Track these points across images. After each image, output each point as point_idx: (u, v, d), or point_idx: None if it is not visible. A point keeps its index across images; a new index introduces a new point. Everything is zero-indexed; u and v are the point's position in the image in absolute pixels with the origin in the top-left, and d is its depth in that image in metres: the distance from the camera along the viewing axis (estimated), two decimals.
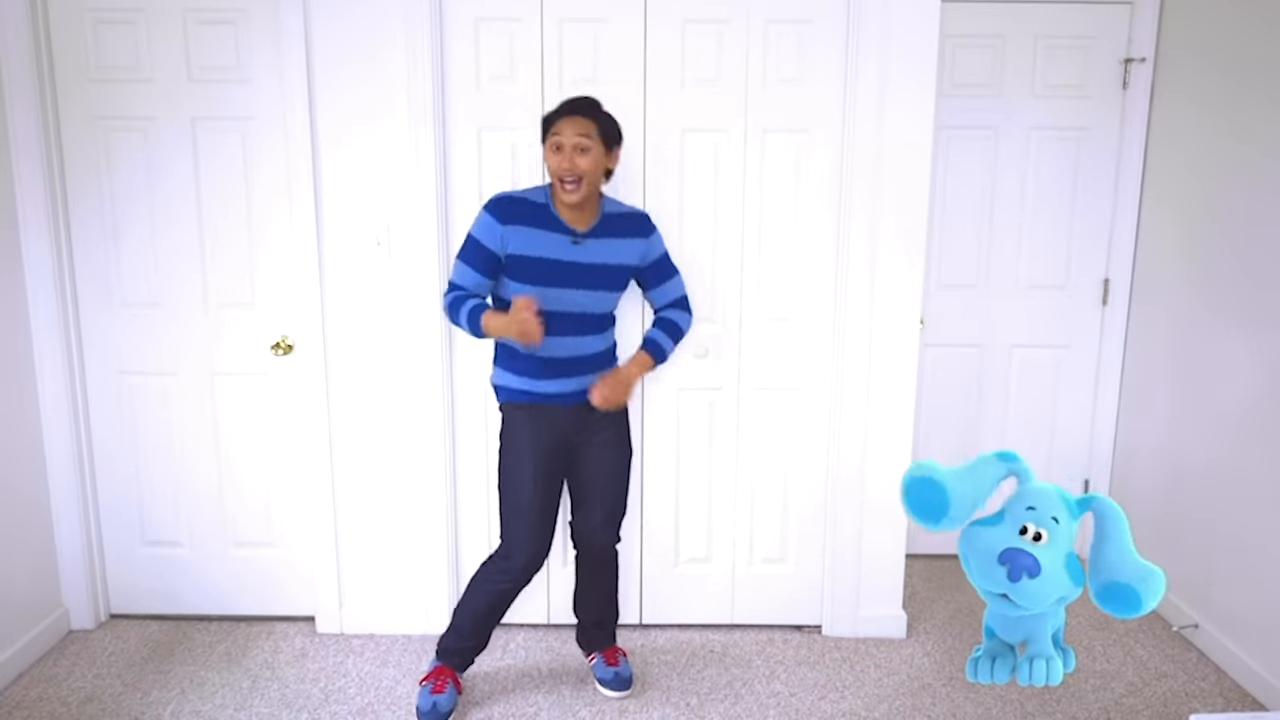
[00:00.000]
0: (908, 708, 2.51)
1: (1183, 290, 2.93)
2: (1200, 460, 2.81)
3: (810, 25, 2.60)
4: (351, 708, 2.49)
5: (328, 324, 2.70)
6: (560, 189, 2.21)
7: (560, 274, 2.24)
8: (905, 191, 2.64)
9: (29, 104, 2.58)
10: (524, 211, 2.24)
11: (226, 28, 2.62)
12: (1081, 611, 3.04)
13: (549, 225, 2.24)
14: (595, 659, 2.63)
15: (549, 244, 2.23)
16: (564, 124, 2.20)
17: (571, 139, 2.18)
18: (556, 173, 2.19)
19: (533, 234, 2.22)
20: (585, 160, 2.19)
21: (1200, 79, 2.86)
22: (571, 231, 2.25)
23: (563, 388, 2.33)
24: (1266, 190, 2.54)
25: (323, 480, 2.78)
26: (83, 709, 2.46)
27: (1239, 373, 2.64)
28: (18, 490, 2.67)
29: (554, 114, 2.24)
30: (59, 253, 2.69)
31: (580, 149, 2.19)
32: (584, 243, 2.26)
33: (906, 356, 2.73)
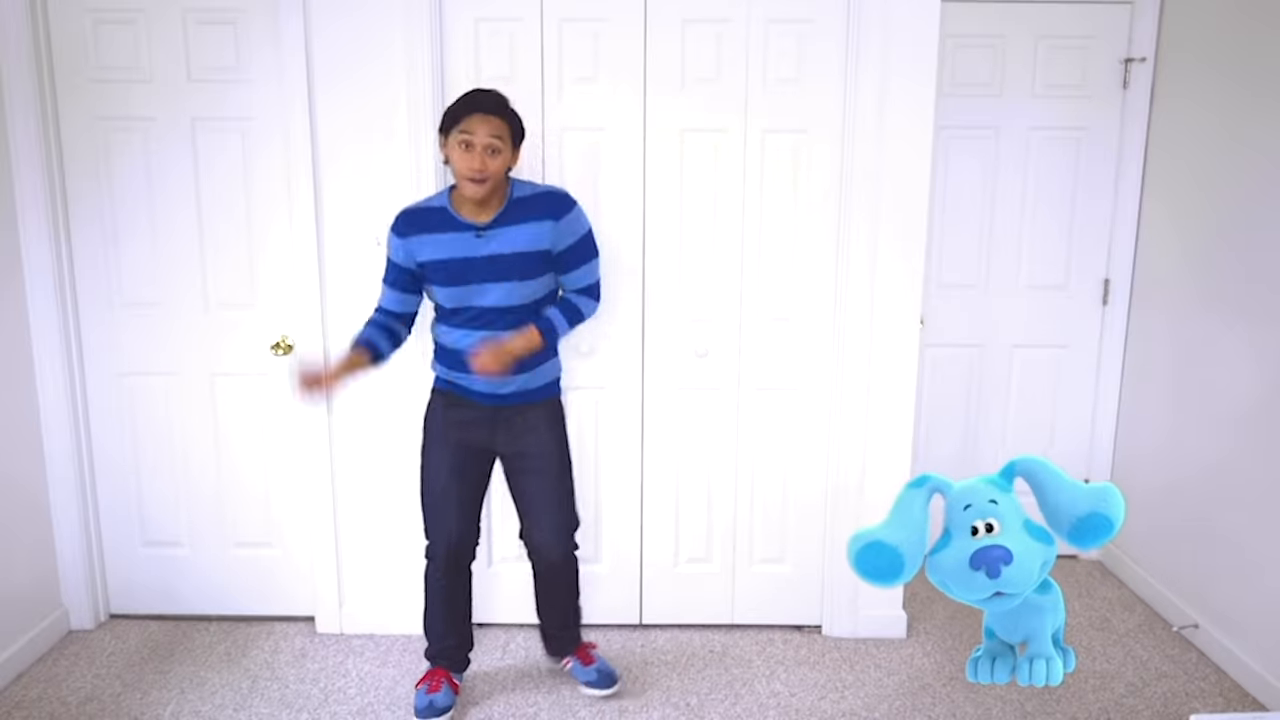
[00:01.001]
0: (908, 708, 2.51)
1: (1183, 290, 2.93)
2: (1200, 460, 2.81)
3: (810, 25, 2.60)
4: (351, 708, 2.49)
5: (328, 324, 2.70)
6: (465, 186, 2.15)
7: (468, 271, 2.22)
8: (905, 191, 2.64)
9: (29, 104, 2.58)
10: (423, 220, 2.25)
11: (226, 28, 2.62)
12: (1081, 612, 3.04)
13: (450, 226, 2.23)
14: (570, 663, 2.59)
15: (453, 244, 2.22)
16: (476, 122, 2.12)
17: (484, 139, 2.12)
18: (465, 172, 2.13)
19: (436, 239, 2.23)
20: (495, 161, 2.14)
21: (1200, 79, 2.86)
22: (473, 226, 2.22)
23: (480, 385, 2.29)
24: (1266, 190, 2.54)
25: (323, 480, 2.78)
26: (83, 709, 2.46)
27: (1239, 372, 2.63)
28: (18, 490, 2.67)
29: (462, 108, 2.15)
30: (59, 253, 2.69)
31: (492, 149, 2.13)
32: (486, 234, 2.21)
33: (906, 356, 2.73)
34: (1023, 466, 1.67)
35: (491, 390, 2.30)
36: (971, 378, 3.35)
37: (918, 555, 1.67)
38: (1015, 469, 1.68)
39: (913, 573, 1.68)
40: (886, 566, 1.66)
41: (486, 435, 2.35)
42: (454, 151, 2.15)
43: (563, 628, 2.58)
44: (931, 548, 1.69)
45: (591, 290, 2.41)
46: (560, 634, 2.59)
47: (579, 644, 2.61)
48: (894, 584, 1.68)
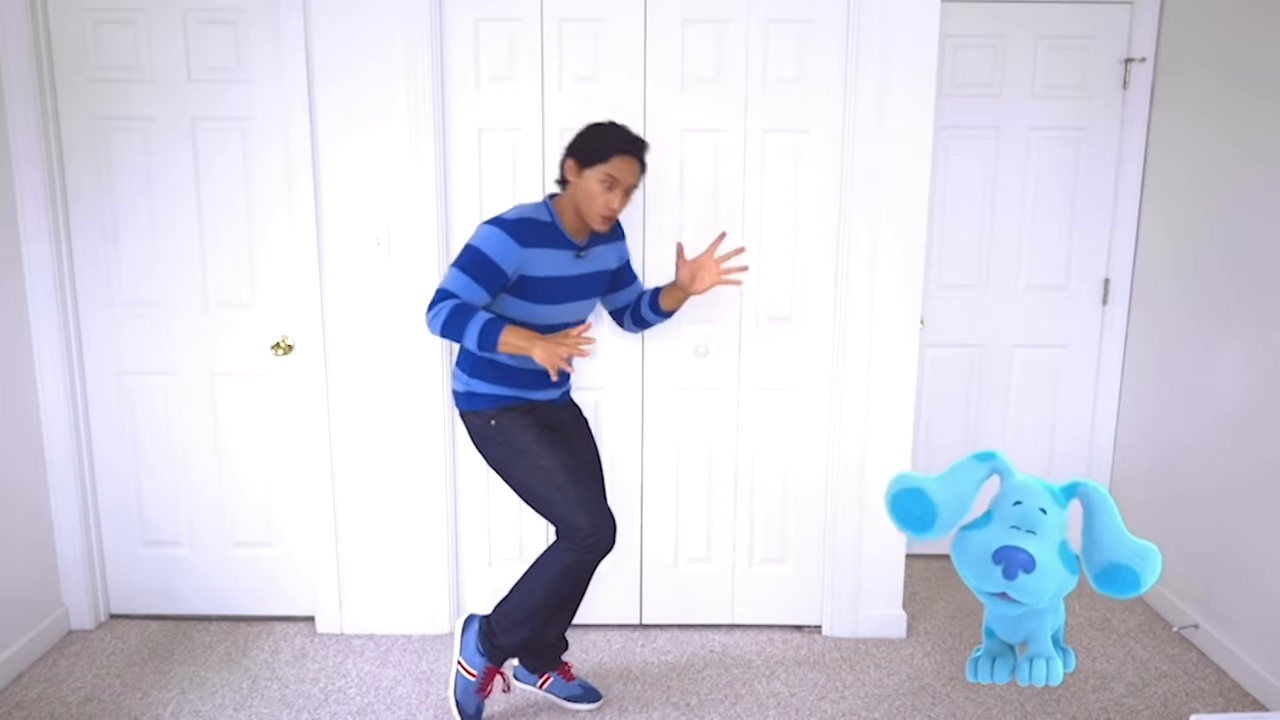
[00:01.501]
0: (908, 708, 2.51)
1: (1183, 290, 2.93)
2: (1200, 460, 2.81)
3: (810, 25, 2.60)
4: (351, 708, 2.49)
5: (328, 324, 2.70)
6: (596, 220, 2.19)
7: (567, 289, 2.25)
8: (905, 191, 2.64)
9: (29, 104, 2.58)
10: (539, 233, 2.19)
11: (226, 28, 2.62)
12: (1081, 611, 3.04)
13: (558, 243, 2.23)
14: (550, 679, 2.48)
15: (559, 262, 2.23)
16: (627, 165, 2.17)
17: (628, 183, 2.19)
18: (603, 211, 2.17)
19: (547, 255, 2.21)
20: (626, 205, 2.23)
21: (1200, 79, 2.86)
22: (576, 246, 2.26)
23: (538, 396, 2.33)
24: (1266, 189, 2.54)
25: (323, 480, 2.78)
26: (83, 709, 2.46)
27: (1239, 372, 2.64)
28: (18, 490, 2.67)
29: (616, 148, 2.16)
30: (59, 252, 2.69)
31: (629, 194, 2.21)
32: (585, 254, 2.29)
33: (906, 356, 2.73)
34: (1085, 491, 1.65)
35: (560, 394, 2.39)
36: (971, 378, 3.35)
37: (951, 521, 1.66)
38: (1077, 490, 1.66)
39: (940, 535, 1.67)
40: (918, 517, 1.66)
41: (555, 416, 2.39)
42: (593, 185, 2.16)
43: (560, 640, 2.49)
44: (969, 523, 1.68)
45: None
46: (557, 644, 2.49)
47: (561, 661, 2.51)
48: (917, 535, 1.68)
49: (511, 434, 2.26)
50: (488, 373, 2.27)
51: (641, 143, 2.22)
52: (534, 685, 2.52)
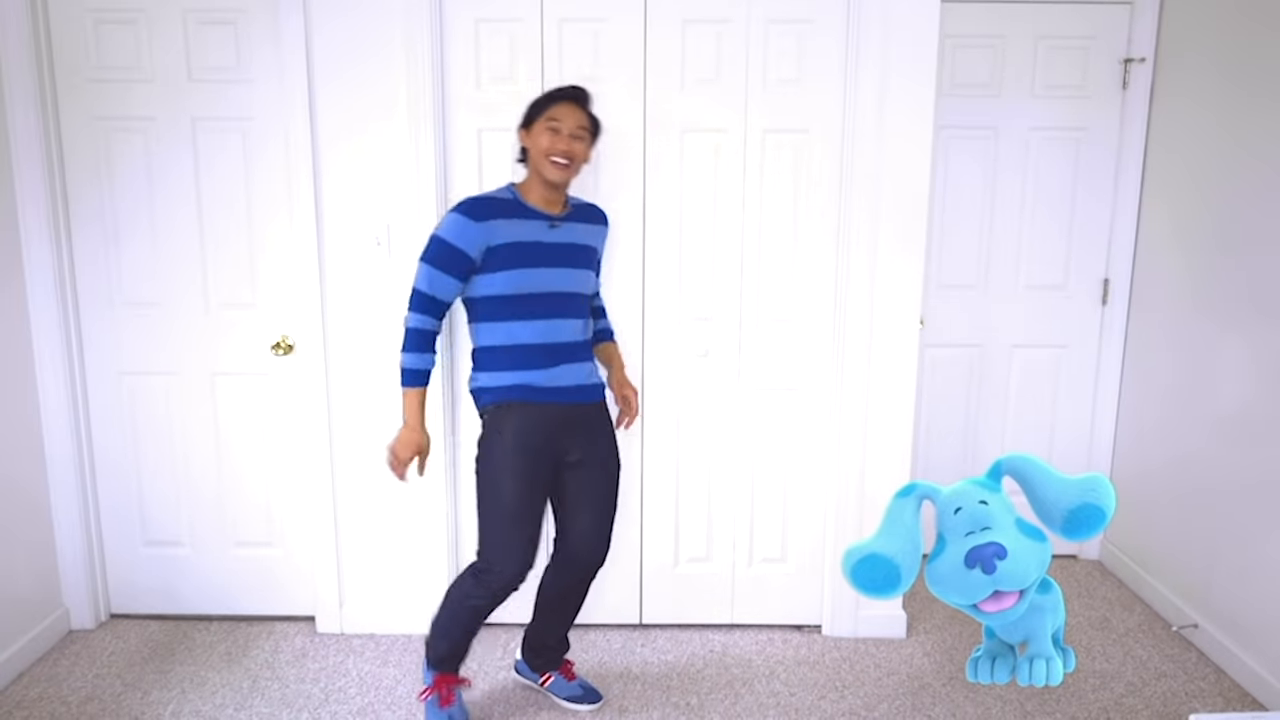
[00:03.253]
0: (908, 708, 2.51)
1: (1182, 290, 2.93)
2: (1200, 459, 2.82)
3: (810, 25, 2.60)
4: (351, 708, 2.49)
5: (328, 324, 2.70)
6: (549, 167, 2.19)
7: (542, 254, 2.22)
8: (905, 191, 2.64)
9: (29, 104, 2.58)
10: (499, 208, 2.20)
11: (226, 28, 2.62)
12: (1082, 612, 3.04)
13: (525, 215, 2.23)
14: (552, 678, 2.50)
15: (528, 229, 2.22)
16: (564, 110, 2.20)
17: (571, 126, 2.20)
18: (549, 151, 2.17)
19: (513, 224, 2.20)
20: (580, 146, 2.22)
21: (1200, 79, 2.86)
22: (548, 217, 2.25)
23: (555, 380, 2.23)
24: (1266, 190, 2.54)
25: (323, 480, 2.78)
26: (83, 709, 2.46)
27: (1238, 372, 2.64)
28: (18, 490, 2.67)
29: (550, 99, 2.23)
30: (59, 253, 2.69)
31: (576, 137, 2.21)
32: (560, 226, 2.27)
33: (906, 356, 2.73)
34: (1009, 465, 1.67)
35: (575, 384, 2.27)
36: (971, 378, 3.36)
37: (914, 564, 1.67)
38: (1002, 468, 1.68)
39: (910, 582, 1.67)
40: (883, 579, 1.66)
41: (558, 440, 2.25)
42: (540, 137, 2.19)
43: (561, 642, 2.51)
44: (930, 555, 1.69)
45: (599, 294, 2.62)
46: (559, 646, 2.51)
47: (563, 660, 2.53)
48: (893, 595, 1.68)
49: (496, 437, 2.22)
50: (492, 362, 2.24)
51: (578, 89, 2.26)
52: (535, 683, 2.54)
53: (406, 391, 2.23)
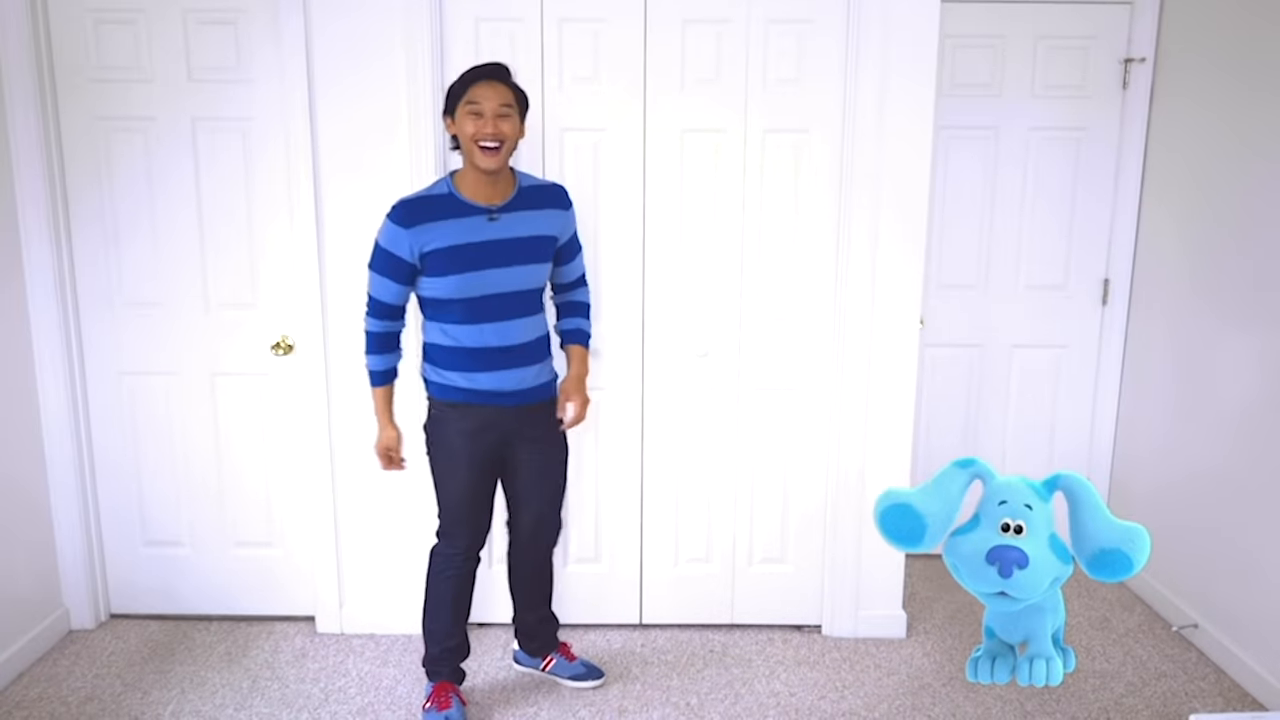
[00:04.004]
0: (908, 708, 2.51)
1: (1183, 290, 2.93)
2: (1200, 460, 2.81)
3: (810, 25, 2.60)
4: (351, 708, 2.49)
5: (328, 324, 2.70)
6: (479, 155, 2.10)
7: (480, 256, 2.14)
8: (905, 191, 2.64)
9: (29, 104, 2.58)
10: (428, 209, 2.14)
11: (227, 28, 2.62)
12: (1082, 612, 3.04)
13: (459, 212, 2.14)
14: (553, 661, 2.58)
15: (464, 229, 2.13)
16: (483, 90, 2.10)
17: (494, 106, 2.10)
18: (476, 136, 2.09)
19: (444, 226, 2.13)
20: (507, 125, 2.12)
21: (1200, 79, 2.86)
22: (485, 210, 2.16)
23: (498, 384, 2.22)
24: (1266, 189, 2.54)
25: (323, 480, 2.78)
26: (83, 709, 2.46)
27: (1239, 372, 2.64)
28: (18, 490, 2.67)
29: (467, 78, 2.13)
30: (59, 253, 2.69)
31: (502, 116, 2.11)
32: (500, 218, 2.17)
33: (906, 356, 2.73)
34: (1066, 483, 1.67)
35: (518, 388, 2.26)
36: (971, 378, 3.36)
37: (940, 530, 1.69)
38: (1059, 483, 1.68)
39: (931, 545, 1.70)
40: (908, 531, 1.68)
41: (509, 430, 2.29)
42: (464, 124, 2.11)
43: (546, 621, 2.58)
44: (957, 528, 1.70)
45: (584, 278, 2.49)
46: (545, 626, 2.57)
47: (560, 642, 2.62)
48: (909, 549, 1.71)
49: (441, 433, 2.30)
50: (437, 357, 2.25)
51: (494, 65, 2.16)
52: (537, 669, 2.59)
53: (373, 390, 2.31)
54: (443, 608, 2.38)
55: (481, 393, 2.23)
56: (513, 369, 2.24)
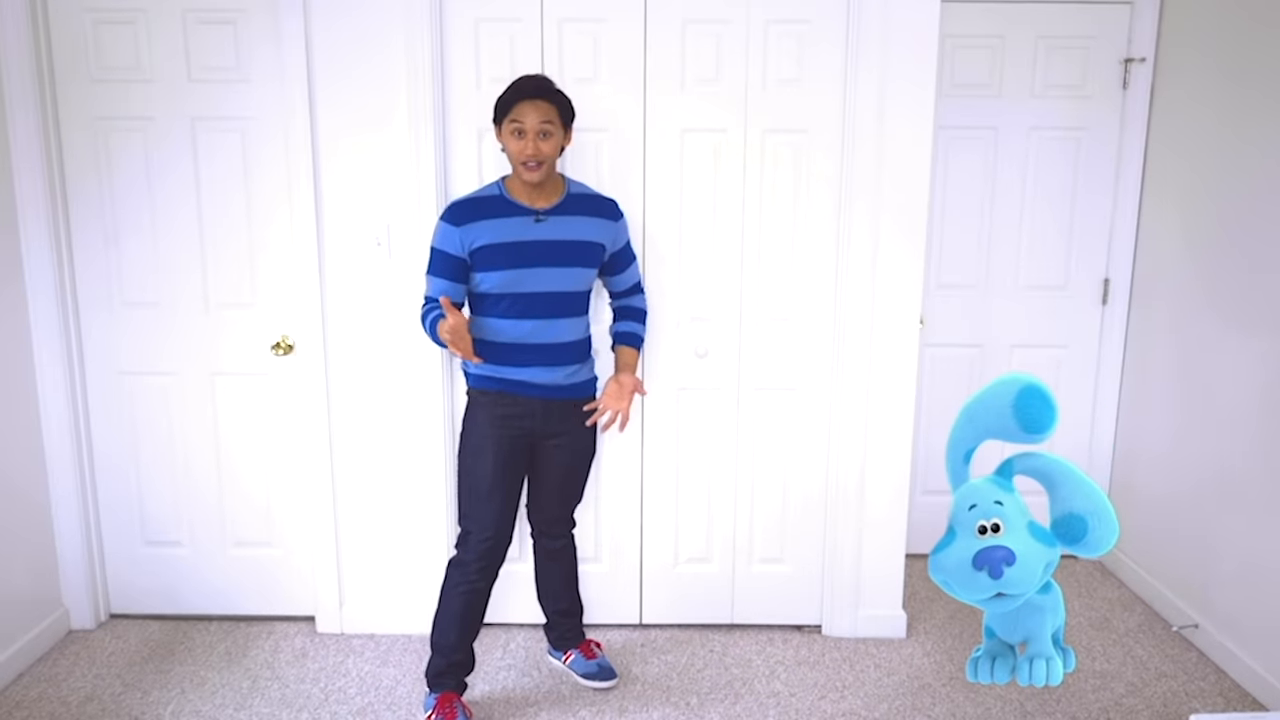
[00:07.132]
0: (908, 708, 2.51)
1: (1183, 290, 2.93)
2: (1201, 460, 2.81)
3: (810, 25, 2.60)
4: (351, 708, 2.49)
5: (328, 324, 2.70)
6: (522, 170, 2.22)
7: (525, 253, 2.25)
8: (905, 191, 2.64)
9: (29, 104, 2.58)
10: (479, 209, 2.25)
11: (226, 28, 2.62)
12: (1082, 611, 3.04)
13: (507, 212, 2.26)
14: (572, 656, 2.62)
15: (510, 228, 2.25)
16: (526, 109, 2.18)
17: (535, 125, 2.18)
18: (519, 157, 2.20)
19: (493, 224, 2.24)
20: (548, 145, 2.21)
21: (1200, 79, 2.86)
22: (532, 211, 2.27)
23: (532, 376, 2.32)
24: (1267, 189, 2.54)
25: (323, 480, 2.78)
26: (83, 709, 2.46)
27: (1239, 373, 2.64)
28: (18, 490, 2.67)
29: (510, 97, 2.21)
30: (59, 253, 2.69)
31: (543, 134, 2.19)
32: (546, 220, 2.28)
33: (906, 356, 2.73)
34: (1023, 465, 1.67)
35: (550, 383, 2.33)
36: (971, 378, 3.35)
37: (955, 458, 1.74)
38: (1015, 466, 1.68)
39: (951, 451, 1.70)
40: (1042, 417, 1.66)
41: (538, 423, 2.35)
42: (508, 140, 2.21)
43: (567, 615, 2.63)
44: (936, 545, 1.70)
45: (639, 285, 2.58)
46: (568, 620, 2.63)
47: (583, 639, 2.65)
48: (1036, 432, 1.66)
49: (473, 420, 2.36)
50: (478, 350, 2.31)
51: (537, 82, 2.22)
52: (560, 660, 2.65)
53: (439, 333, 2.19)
54: (451, 622, 2.38)
55: (512, 382, 2.32)
56: (545, 366, 2.33)
